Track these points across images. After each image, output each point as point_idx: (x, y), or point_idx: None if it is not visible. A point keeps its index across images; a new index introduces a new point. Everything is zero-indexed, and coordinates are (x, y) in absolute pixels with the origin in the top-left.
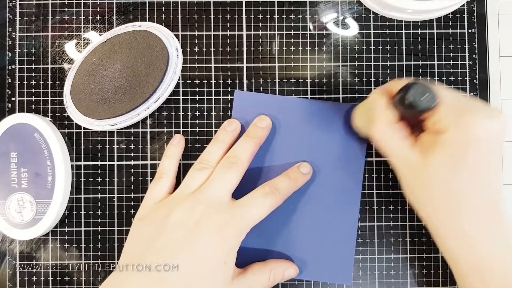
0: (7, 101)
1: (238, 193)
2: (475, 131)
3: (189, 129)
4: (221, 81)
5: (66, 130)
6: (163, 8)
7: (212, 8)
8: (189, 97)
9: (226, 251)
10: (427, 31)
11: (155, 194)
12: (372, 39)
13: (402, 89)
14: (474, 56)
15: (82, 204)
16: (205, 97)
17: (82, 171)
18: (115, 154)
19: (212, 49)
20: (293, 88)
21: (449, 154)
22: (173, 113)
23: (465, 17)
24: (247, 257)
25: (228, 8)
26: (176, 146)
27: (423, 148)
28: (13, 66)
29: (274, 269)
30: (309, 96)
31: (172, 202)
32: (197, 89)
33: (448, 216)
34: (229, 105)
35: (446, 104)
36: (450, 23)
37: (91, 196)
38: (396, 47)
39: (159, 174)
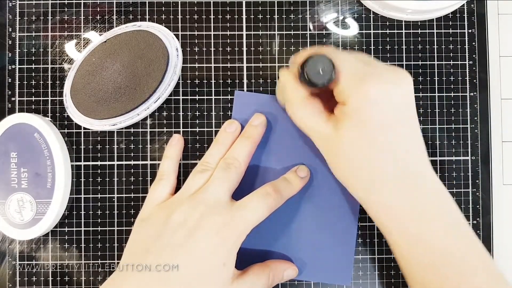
0: (7, 101)
1: (238, 194)
2: (372, 97)
3: (189, 129)
4: (221, 81)
5: (66, 130)
6: (163, 8)
7: (212, 8)
8: (189, 97)
9: (225, 253)
10: (427, 31)
11: (156, 195)
12: (372, 39)
13: (301, 65)
14: (474, 56)
15: (82, 204)
16: (205, 97)
17: (82, 171)
18: (115, 154)
19: (212, 49)
20: None
21: (354, 123)
22: (173, 113)
23: (465, 17)
24: (246, 258)
25: (228, 8)
26: (175, 146)
27: (335, 121)
28: (13, 66)
29: (274, 270)
30: None
31: (173, 203)
32: (197, 89)
33: (366, 184)
34: (229, 105)
35: (345, 74)
36: (450, 23)
37: (91, 196)
38: (396, 47)
39: (159, 175)
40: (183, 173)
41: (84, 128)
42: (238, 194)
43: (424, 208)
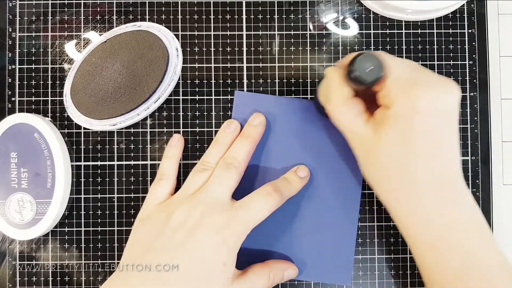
0: (7, 101)
1: (238, 194)
2: (419, 104)
3: (189, 129)
4: (221, 81)
5: (66, 130)
6: (163, 8)
7: (212, 8)
8: (189, 97)
9: (226, 253)
10: (427, 31)
11: (156, 195)
12: (372, 39)
13: (349, 62)
14: (474, 56)
15: (82, 204)
16: (205, 97)
17: (82, 171)
18: (115, 154)
19: (212, 49)
20: (293, 88)
21: (397, 129)
22: (173, 113)
23: (465, 17)
24: (247, 258)
25: (228, 8)
26: (175, 146)
27: (375, 124)
28: (13, 66)
29: (274, 269)
30: (309, 96)
31: (172, 203)
32: (197, 89)
33: (402, 192)
34: (229, 105)
35: (393, 77)
36: (450, 23)
37: (91, 196)
38: (396, 47)
39: (159, 175)
40: (183, 173)
41: (84, 128)
42: (238, 194)
43: (455, 217)
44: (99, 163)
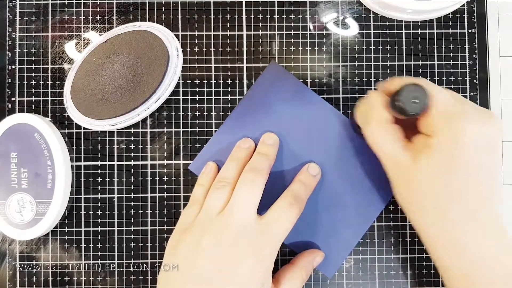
0: (7, 101)
1: None
2: (464, 137)
3: (189, 129)
4: (221, 81)
5: (66, 130)
6: (163, 8)
7: (212, 8)
8: (189, 97)
9: (263, 273)
10: (427, 31)
11: (185, 220)
12: (372, 39)
13: (395, 92)
14: (474, 56)
15: (82, 204)
16: (205, 97)
17: (82, 171)
18: (115, 154)
19: (212, 49)
20: None
21: (438, 159)
22: (173, 113)
23: (465, 17)
24: None
25: (228, 8)
26: (208, 175)
27: (414, 151)
28: (13, 66)
29: (304, 267)
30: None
31: (198, 226)
32: (197, 89)
33: (437, 220)
34: (229, 105)
35: (438, 107)
36: (450, 23)
37: (91, 196)
38: (396, 47)
39: (191, 202)
40: (183, 173)
41: (84, 128)
42: None
43: (492, 250)
44: (99, 163)
